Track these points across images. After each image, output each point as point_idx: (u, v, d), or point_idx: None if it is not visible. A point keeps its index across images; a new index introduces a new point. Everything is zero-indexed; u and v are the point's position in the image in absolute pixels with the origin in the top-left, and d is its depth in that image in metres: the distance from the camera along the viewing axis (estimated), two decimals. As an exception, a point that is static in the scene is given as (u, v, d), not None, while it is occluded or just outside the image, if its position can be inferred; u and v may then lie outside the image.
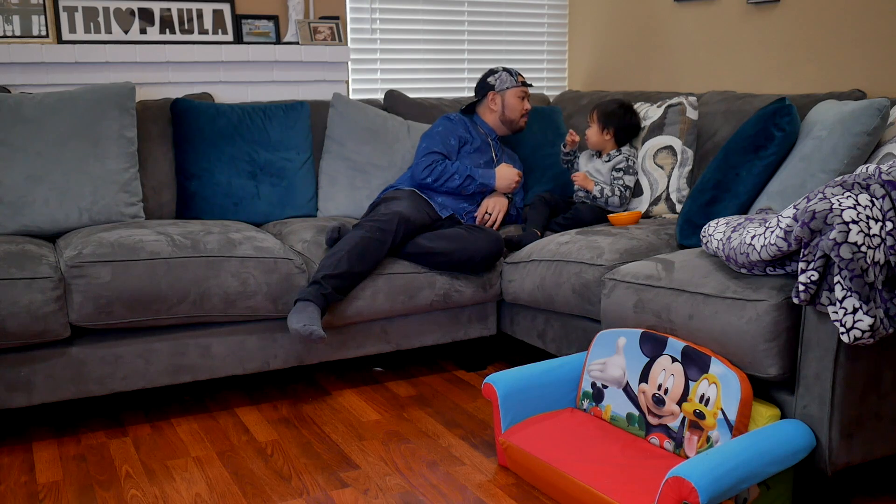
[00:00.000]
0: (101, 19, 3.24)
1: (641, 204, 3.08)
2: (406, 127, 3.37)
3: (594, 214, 3.04)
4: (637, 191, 3.11)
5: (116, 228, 2.59)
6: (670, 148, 3.07)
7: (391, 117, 3.38)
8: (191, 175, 2.99)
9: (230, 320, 2.53)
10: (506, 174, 3.09)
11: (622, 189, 3.06)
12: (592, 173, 3.14)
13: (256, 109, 3.17)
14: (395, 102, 3.55)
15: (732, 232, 2.12)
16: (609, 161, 3.11)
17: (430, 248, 2.74)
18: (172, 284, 2.42)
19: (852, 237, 1.73)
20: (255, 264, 2.52)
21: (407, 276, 2.72)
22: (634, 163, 3.11)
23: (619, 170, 3.08)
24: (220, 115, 3.07)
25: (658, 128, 3.12)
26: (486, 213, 3.07)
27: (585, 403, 2.32)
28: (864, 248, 1.73)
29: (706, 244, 2.26)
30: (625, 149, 3.12)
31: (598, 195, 3.06)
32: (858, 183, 1.82)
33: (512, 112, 3.20)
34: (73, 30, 3.20)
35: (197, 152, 3.00)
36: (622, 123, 3.11)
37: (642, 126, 3.17)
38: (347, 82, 3.76)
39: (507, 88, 3.18)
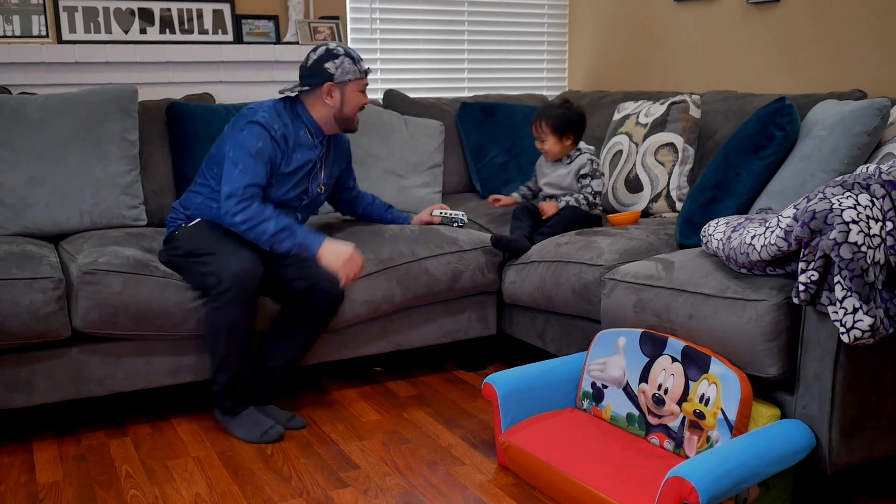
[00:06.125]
0: (101, 19, 3.24)
1: (641, 200, 3.07)
2: (403, 121, 3.37)
3: (578, 217, 2.89)
4: (637, 187, 3.09)
5: (129, 241, 2.60)
6: (671, 145, 3.06)
7: (387, 111, 3.39)
8: (189, 179, 2.98)
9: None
10: (338, 252, 2.46)
11: (590, 196, 2.88)
12: (558, 182, 2.95)
13: (252, 109, 3.16)
14: (394, 102, 3.55)
15: (732, 232, 2.12)
16: (571, 163, 2.91)
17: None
18: (180, 304, 2.40)
19: (852, 237, 1.73)
20: None
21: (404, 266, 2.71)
22: (599, 164, 2.95)
23: (585, 176, 2.89)
24: (215, 116, 3.06)
25: (660, 124, 3.11)
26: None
27: (585, 403, 2.32)
28: (864, 248, 1.73)
29: (706, 244, 2.26)
30: (583, 145, 2.94)
31: (577, 205, 2.89)
32: (859, 183, 1.82)
33: (351, 109, 2.60)
34: (73, 30, 3.20)
35: (194, 156, 2.99)
36: (573, 120, 2.87)
37: (644, 123, 3.16)
38: (347, 82, 3.76)
39: (350, 80, 2.56)
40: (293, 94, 2.63)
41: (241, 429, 2.44)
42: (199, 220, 2.57)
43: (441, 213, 2.96)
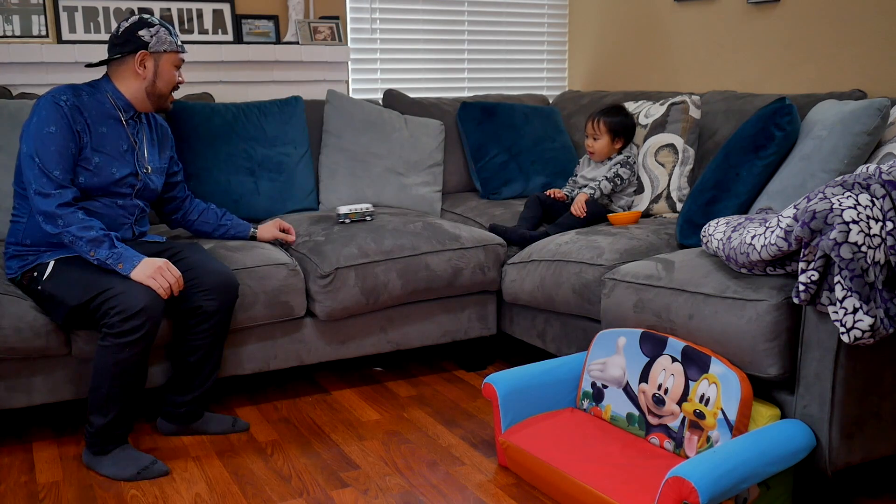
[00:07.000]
0: (101, 19, 3.24)
1: (642, 201, 3.08)
2: (403, 120, 3.37)
3: (593, 211, 3.02)
4: (637, 188, 3.11)
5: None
6: (672, 146, 3.06)
7: (387, 110, 3.38)
8: (189, 176, 2.98)
9: (230, 330, 2.52)
10: (149, 263, 2.21)
11: (614, 176, 3.04)
12: (593, 178, 3.14)
13: (251, 107, 3.16)
14: (393, 102, 3.55)
15: (732, 232, 2.12)
16: (610, 161, 3.13)
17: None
18: None
19: (853, 237, 1.73)
20: (246, 274, 2.50)
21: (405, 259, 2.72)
22: (635, 162, 3.11)
23: (617, 164, 3.08)
24: (214, 114, 3.06)
25: (660, 125, 3.11)
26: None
27: (585, 403, 2.32)
28: (864, 248, 1.73)
29: (706, 244, 2.26)
30: (626, 152, 3.14)
31: (592, 192, 3.04)
32: (859, 183, 1.82)
33: (165, 84, 2.40)
34: (73, 30, 3.20)
35: (194, 153, 3.00)
36: (628, 126, 3.12)
37: (644, 124, 3.17)
38: (347, 82, 3.76)
39: (166, 51, 2.36)
40: (99, 66, 2.41)
41: (112, 466, 2.22)
42: (51, 262, 2.29)
43: (350, 209, 2.83)
